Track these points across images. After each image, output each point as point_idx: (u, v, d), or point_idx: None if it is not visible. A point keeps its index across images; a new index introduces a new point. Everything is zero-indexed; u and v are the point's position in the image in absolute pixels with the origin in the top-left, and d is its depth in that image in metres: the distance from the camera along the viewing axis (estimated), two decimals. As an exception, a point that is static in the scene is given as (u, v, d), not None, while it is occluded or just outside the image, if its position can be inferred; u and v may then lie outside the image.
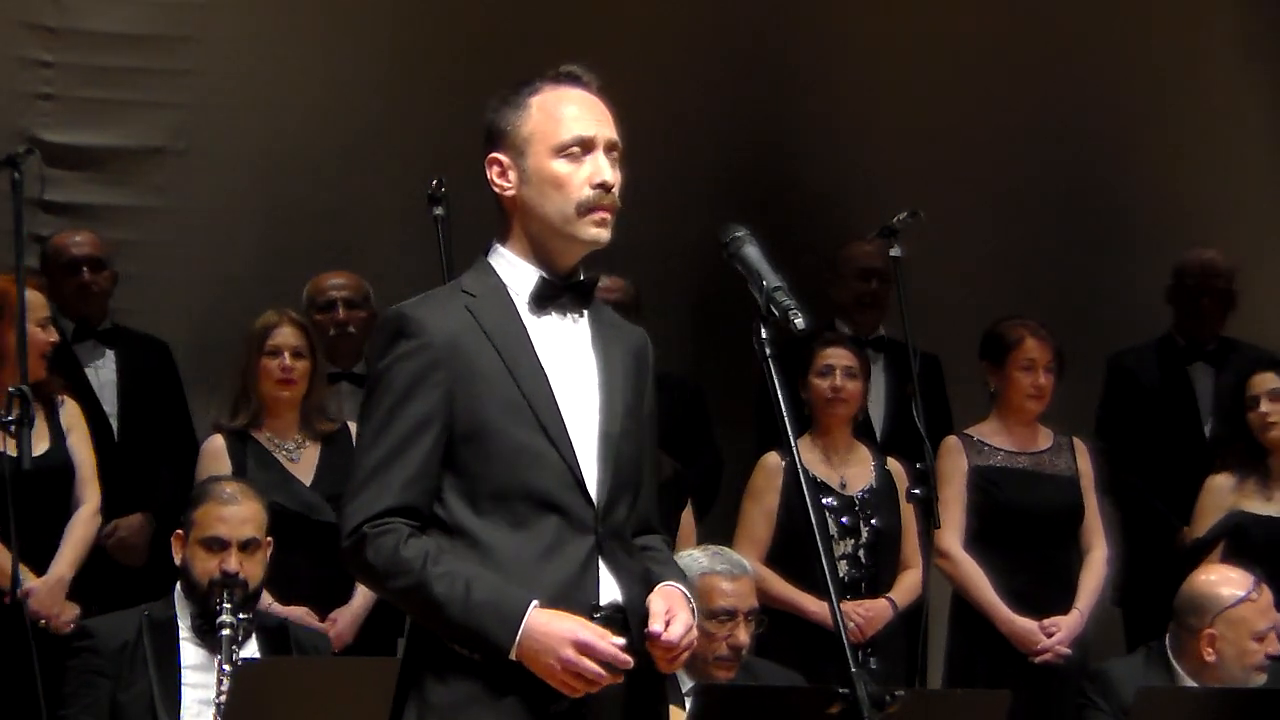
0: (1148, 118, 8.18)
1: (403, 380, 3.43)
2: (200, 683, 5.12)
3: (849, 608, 6.14)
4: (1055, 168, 8.13)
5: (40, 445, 5.85)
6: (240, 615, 5.11)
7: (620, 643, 3.38)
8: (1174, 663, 5.55)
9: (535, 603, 3.36)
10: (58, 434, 5.95)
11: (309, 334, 6.20)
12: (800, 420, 6.26)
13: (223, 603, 5.10)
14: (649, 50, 7.44)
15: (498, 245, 3.57)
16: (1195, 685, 5.47)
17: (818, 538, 3.38)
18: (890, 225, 6.25)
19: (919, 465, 6.06)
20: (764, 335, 3.40)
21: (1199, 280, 7.21)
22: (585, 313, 3.56)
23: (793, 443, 3.44)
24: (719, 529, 6.51)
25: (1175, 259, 7.32)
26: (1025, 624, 6.32)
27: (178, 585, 5.30)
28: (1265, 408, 6.40)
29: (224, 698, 4.91)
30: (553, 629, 3.34)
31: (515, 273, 3.53)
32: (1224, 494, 6.43)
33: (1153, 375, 7.18)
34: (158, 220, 7.41)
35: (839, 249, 7.27)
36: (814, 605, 6.08)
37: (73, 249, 6.74)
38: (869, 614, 6.21)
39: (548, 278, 3.52)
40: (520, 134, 3.51)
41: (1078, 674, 6.06)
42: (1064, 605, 6.37)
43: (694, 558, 5.36)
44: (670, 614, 3.43)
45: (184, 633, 5.20)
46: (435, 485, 3.43)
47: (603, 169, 3.49)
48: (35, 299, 5.87)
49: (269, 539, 5.35)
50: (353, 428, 6.20)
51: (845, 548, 6.29)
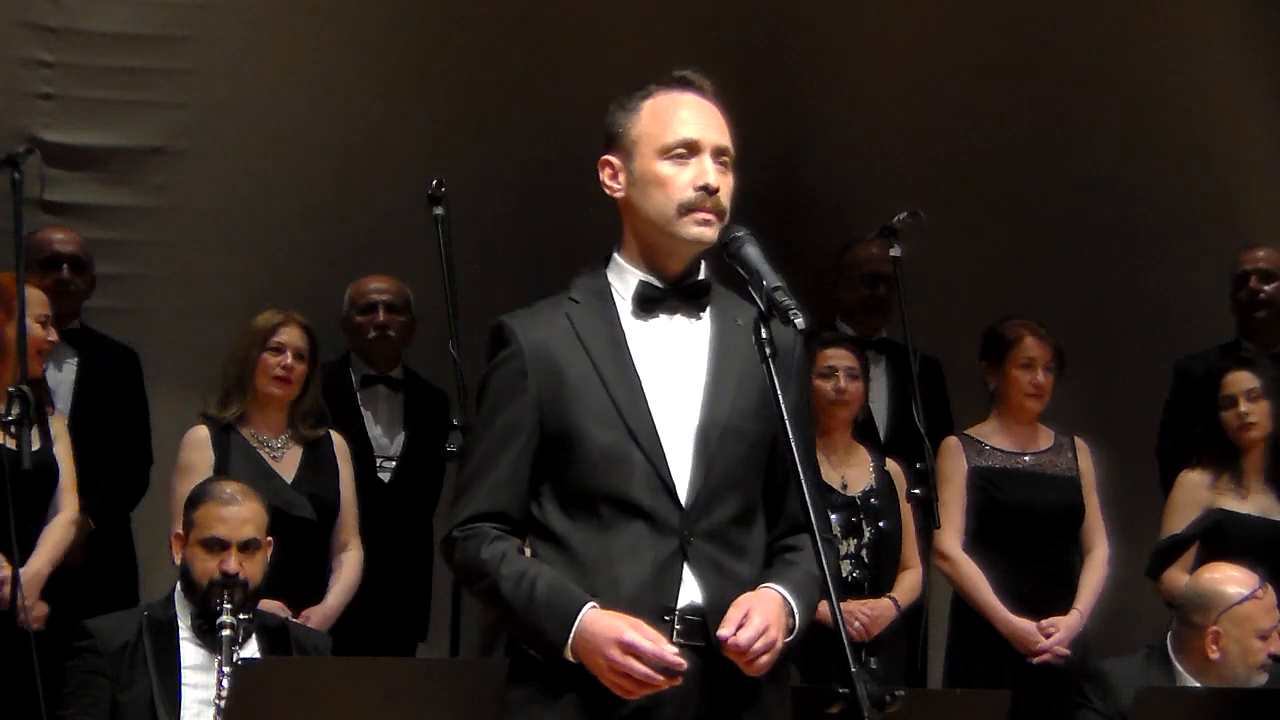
0: (1149, 117, 8.18)
1: (495, 389, 3.55)
2: (200, 683, 5.12)
3: (854, 607, 6.15)
4: (1056, 168, 8.13)
5: (33, 444, 5.85)
6: (240, 615, 5.11)
7: (672, 648, 3.38)
8: (1175, 661, 5.54)
9: (592, 603, 3.39)
10: (46, 438, 5.95)
11: (313, 338, 6.21)
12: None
13: (223, 603, 5.10)
14: (650, 51, 7.42)
15: (614, 251, 3.63)
16: (1196, 684, 5.47)
17: (818, 538, 3.38)
18: (890, 225, 6.26)
19: (919, 465, 6.06)
20: (764, 335, 3.41)
21: (1249, 277, 7.13)
22: (710, 312, 3.59)
23: (793, 443, 3.44)
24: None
25: (1192, 261, 7.27)
26: (1024, 624, 6.33)
27: (178, 585, 5.29)
28: (1244, 407, 6.39)
29: (224, 698, 4.90)
30: (600, 628, 3.37)
31: (623, 277, 3.59)
32: (1198, 490, 6.42)
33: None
34: (158, 220, 7.42)
35: (845, 250, 7.27)
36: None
37: (55, 245, 6.73)
38: (873, 613, 6.22)
39: (649, 281, 3.56)
40: (629, 136, 3.57)
41: (1078, 674, 6.06)
42: (1064, 605, 6.37)
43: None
44: (746, 618, 3.43)
45: (184, 633, 5.20)
46: (525, 489, 3.52)
47: (707, 172, 3.53)
48: (35, 296, 5.87)
49: (269, 539, 5.35)
50: (335, 438, 6.23)
51: (848, 548, 6.30)
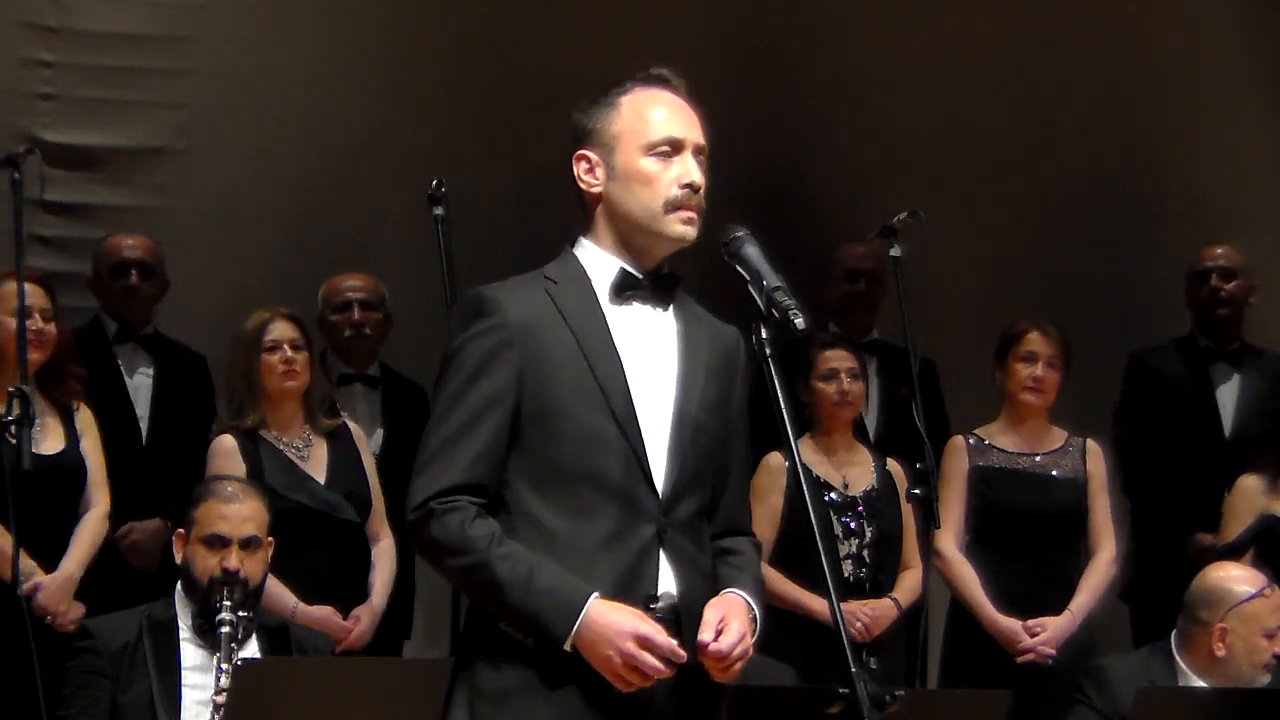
0: (1149, 117, 8.18)
1: (475, 358, 3.47)
2: (200, 683, 5.11)
3: (855, 607, 6.15)
4: (1056, 169, 8.13)
5: (55, 444, 5.90)
6: (240, 613, 5.11)
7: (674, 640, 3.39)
8: (1179, 659, 5.54)
9: (596, 594, 3.37)
10: (72, 435, 5.96)
11: (303, 327, 6.23)
12: (799, 421, 6.26)
13: (223, 600, 5.10)
14: (650, 52, 7.37)
15: (581, 239, 3.61)
16: (1199, 682, 5.47)
17: (819, 538, 3.39)
18: (890, 225, 6.25)
19: (919, 465, 6.06)
20: (764, 335, 3.41)
21: (1209, 268, 7.18)
22: (671, 307, 3.59)
23: (793, 443, 3.45)
24: (719, 529, 6.51)
25: (1188, 260, 7.30)
26: (1008, 623, 6.31)
27: (178, 585, 5.29)
28: None
29: (224, 697, 4.90)
30: (611, 620, 3.35)
31: (598, 263, 3.57)
32: (1254, 496, 6.40)
33: (1174, 374, 7.16)
34: (158, 220, 7.40)
35: (831, 250, 7.27)
36: (818, 605, 6.07)
37: (124, 251, 6.76)
38: (874, 613, 6.22)
39: (628, 269, 3.56)
40: (610, 132, 3.57)
41: (1067, 675, 6.05)
42: (1061, 607, 6.35)
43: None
44: (723, 623, 3.43)
45: (184, 633, 5.20)
46: (502, 463, 3.45)
47: (691, 170, 3.55)
48: (31, 290, 5.87)
49: (270, 538, 5.35)
50: (351, 426, 6.26)
51: (849, 548, 6.30)
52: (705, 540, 3.56)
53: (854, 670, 3.24)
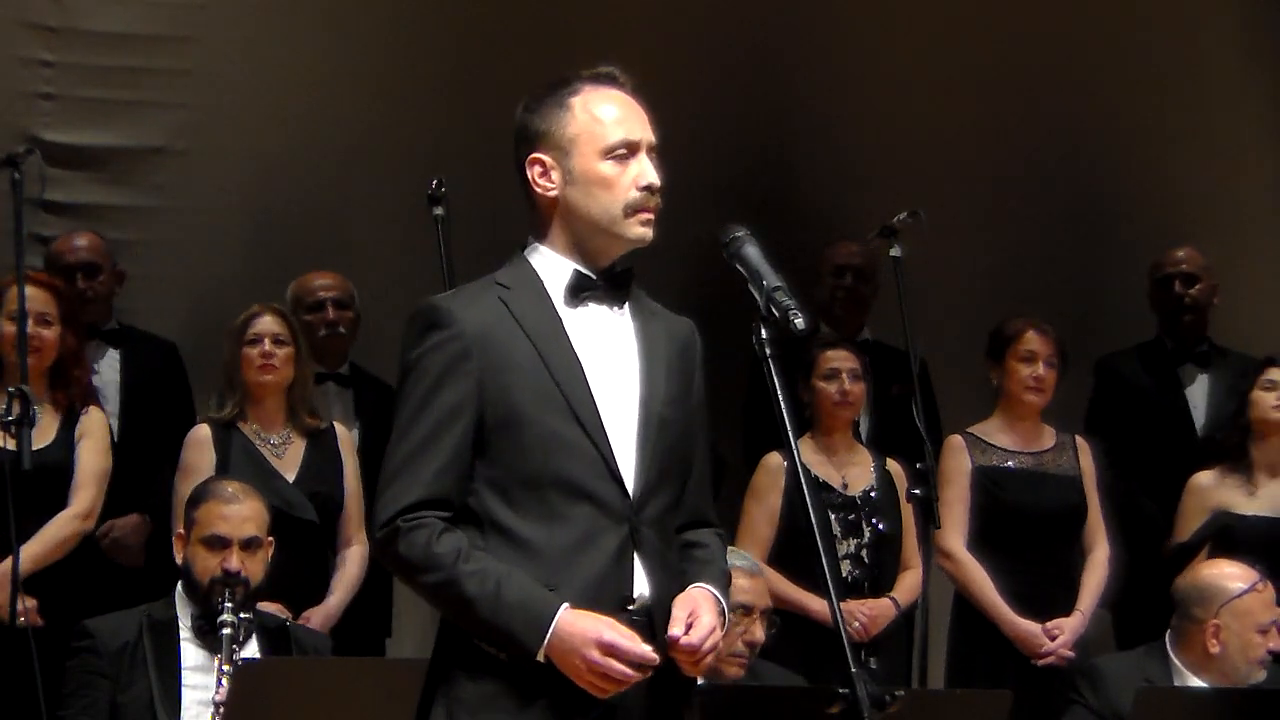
0: (1147, 119, 8.18)
1: (434, 370, 3.44)
2: (200, 683, 5.12)
3: (854, 607, 6.15)
4: (1054, 169, 8.13)
5: (41, 441, 5.84)
6: (241, 614, 5.11)
7: (646, 646, 3.37)
8: (1174, 657, 5.55)
9: (566, 605, 3.35)
10: (64, 435, 5.94)
11: (290, 324, 6.21)
12: (799, 421, 6.26)
13: (224, 601, 5.10)
14: (648, 51, 7.42)
15: (534, 242, 3.59)
16: (1194, 680, 5.48)
17: (819, 538, 3.39)
18: (890, 225, 6.26)
19: (918, 465, 6.06)
20: (764, 335, 3.41)
21: (1171, 272, 7.21)
22: (626, 305, 3.57)
23: (793, 443, 3.45)
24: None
25: (1151, 263, 7.32)
26: (1029, 627, 6.32)
27: (179, 585, 5.30)
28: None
29: (224, 697, 4.90)
30: (578, 629, 3.34)
31: (551, 266, 3.55)
32: (1206, 494, 6.43)
33: (1141, 377, 7.18)
34: (158, 220, 7.41)
35: (822, 249, 7.27)
36: (817, 605, 6.07)
37: (68, 255, 6.73)
38: (873, 613, 6.22)
39: (583, 270, 3.53)
40: (565, 135, 3.53)
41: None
42: (1066, 606, 6.36)
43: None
44: (693, 617, 3.43)
45: (184, 633, 5.20)
46: (467, 475, 3.43)
47: (648, 171, 3.51)
48: (35, 294, 5.87)
49: (270, 538, 5.35)
50: (339, 429, 6.24)
51: (848, 547, 6.30)
52: (673, 536, 3.55)
53: (854, 670, 3.24)
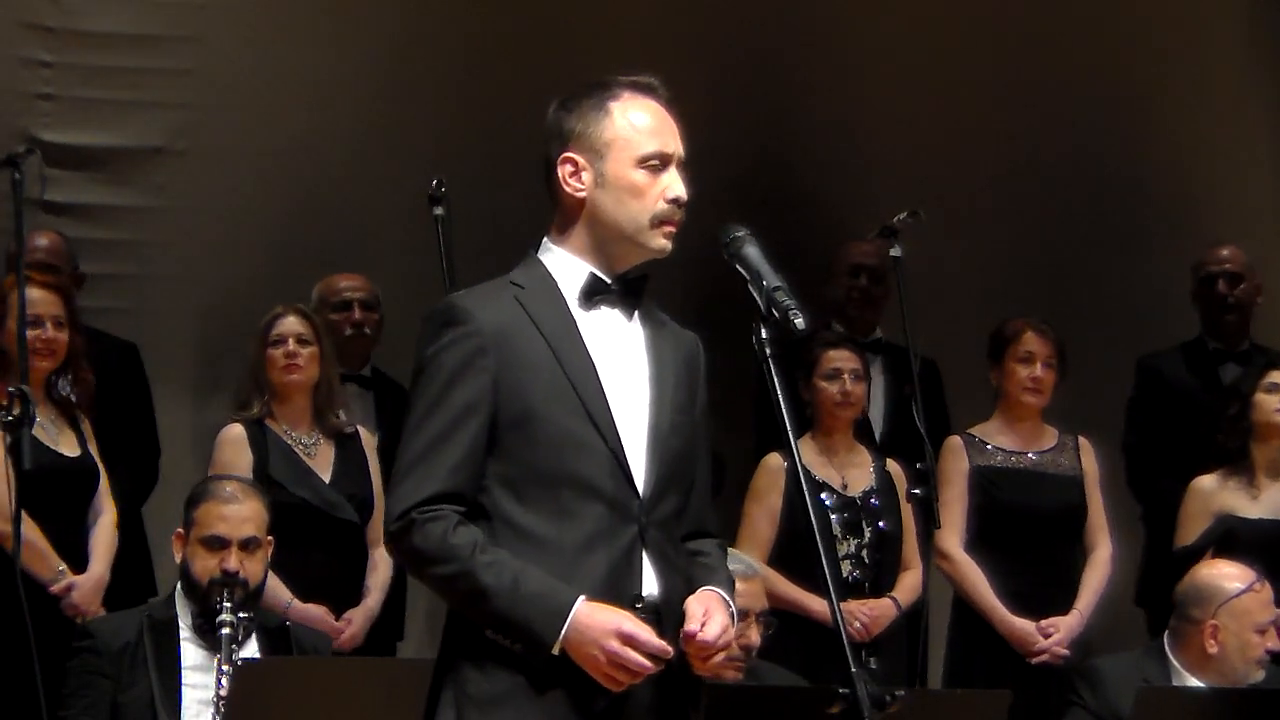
0: (1151, 118, 8.18)
1: (449, 366, 3.46)
2: (201, 683, 5.12)
3: (854, 607, 6.15)
4: (1057, 169, 8.12)
5: (73, 449, 5.90)
6: (241, 614, 5.11)
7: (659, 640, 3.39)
8: (1172, 657, 5.56)
9: (583, 596, 3.37)
10: (84, 441, 5.96)
11: (314, 324, 6.22)
12: (800, 421, 6.26)
13: (223, 601, 5.10)
14: (649, 51, 7.43)
15: (548, 242, 3.60)
16: (1193, 680, 5.49)
17: (819, 538, 3.39)
18: (890, 225, 6.26)
19: (919, 465, 6.06)
20: (764, 335, 3.42)
21: (1216, 270, 7.18)
22: (637, 312, 3.59)
23: (793, 443, 3.45)
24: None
25: (1194, 262, 7.29)
26: (1023, 625, 6.32)
27: (178, 585, 5.30)
28: None
29: (224, 697, 4.91)
30: (597, 620, 3.35)
31: (565, 268, 3.56)
32: (1209, 497, 6.41)
33: (1183, 377, 7.16)
34: (158, 220, 7.41)
35: (835, 248, 7.27)
36: (818, 605, 6.07)
37: (42, 254, 6.63)
38: (873, 613, 6.22)
39: (597, 273, 3.55)
40: (601, 138, 3.54)
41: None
42: (1065, 605, 6.36)
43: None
44: (707, 615, 3.44)
45: (184, 633, 5.20)
46: (481, 471, 3.44)
47: (677, 184, 3.56)
48: (36, 296, 5.87)
49: (270, 538, 5.35)
50: (363, 432, 6.25)
51: (848, 548, 6.30)
52: (679, 540, 3.57)
53: (854, 670, 3.25)
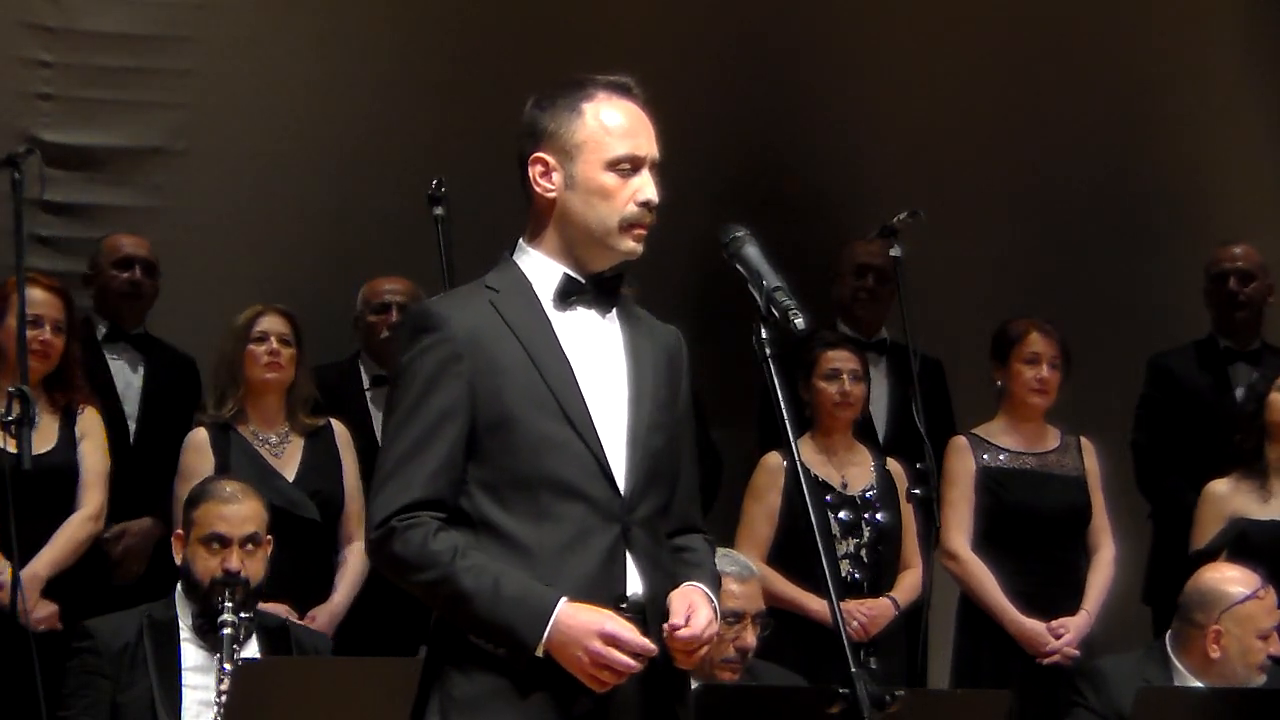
0: (1155, 115, 8.17)
1: (425, 373, 3.46)
2: (201, 684, 5.12)
3: (852, 607, 6.15)
4: (1059, 168, 8.12)
5: (44, 444, 5.86)
6: (241, 614, 5.11)
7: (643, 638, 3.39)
8: (1174, 660, 5.56)
9: (564, 599, 3.37)
10: (66, 436, 5.95)
11: (295, 324, 6.23)
12: (800, 420, 6.26)
13: (224, 601, 5.11)
14: (649, 50, 7.43)
15: (524, 244, 3.61)
16: (1194, 683, 5.49)
17: (818, 537, 3.39)
18: (890, 225, 6.27)
19: (919, 465, 6.06)
20: (764, 335, 3.42)
21: (1228, 268, 7.17)
22: (614, 310, 3.59)
23: (793, 443, 3.45)
24: (717, 529, 6.46)
25: (1205, 260, 7.29)
26: (1034, 626, 6.32)
27: (178, 586, 5.30)
28: None
29: (224, 698, 4.90)
30: (579, 621, 3.36)
31: (540, 269, 3.57)
32: (1223, 501, 6.40)
33: (1193, 376, 7.16)
34: (158, 220, 7.40)
35: (840, 248, 7.27)
36: (816, 604, 6.08)
37: (129, 247, 6.79)
38: (872, 613, 6.22)
39: (571, 274, 3.55)
40: (572, 139, 3.54)
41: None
42: (1071, 606, 6.36)
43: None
44: (690, 610, 3.45)
45: (185, 633, 5.21)
46: (460, 477, 3.45)
47: (648, 188, 3.54)
48: (38, 297, 5.87)
49: (270, 538, 5.35)
50: (337, 426, 6.26)
51: (847, 547, 6.30)
52: (663, 538, 3.58)
53: (854, 670, 3.25)
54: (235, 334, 6.16)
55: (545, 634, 3.36)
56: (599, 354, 3.54)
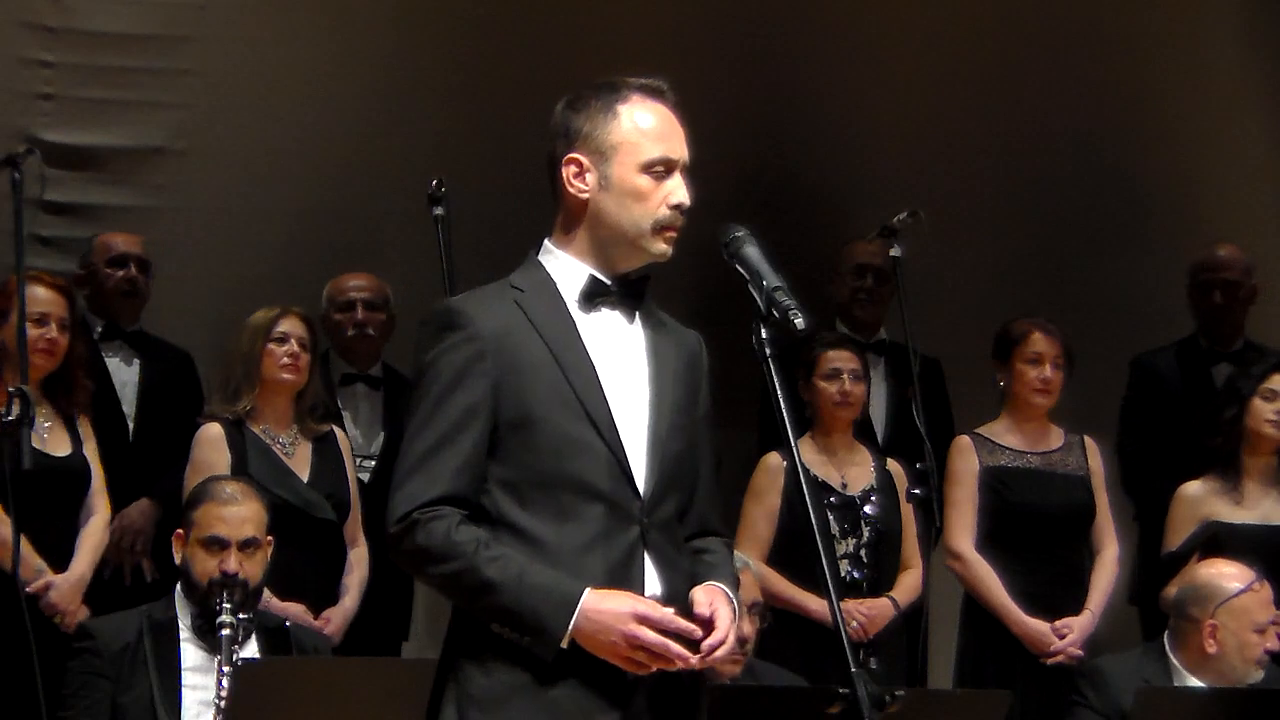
0: (1152, 116, 8.17)
1: (450, 370, 3.46)
2: (201, 684, 5.12)
3: (852, 607, 6.15)
4: (1058, 168, 8.12)
5: (63, 448, 5.91)
6: (240, 615, 5.11)
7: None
8: (1172, 657, 5.57)
9: (589, 588, 3.38)
10: (77, 441, 5.96)
11: (314, 330, 6.24)
12: (800, 421, 6.26)
13: (223, 602, 5.11)
14: (649, 50, 7.43)
15: (549, 244, 3.61)
16: (1193, 680, 5.49)
17: (818, 537, 3.39)
18: (890, 225, 6.27)
19: (919, 465, 6.06)
20: (764, 335, 3.43)
21: (1213, 277, 7.18)
22: (638, 313, 3.60)
23: (793, 443, 3.46)
24: (718, 529, 6.51)
25: (1191, 258, 7.29)
26: (1038, 626, 6.31)
27: (178, 586, 5.30)
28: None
29: (224, 698, 4.91)
30: (607, 607, 3.36)
31: (566, 270, 3.57)
32: (1195, 504, 6.39)
33: (1176, 377, 7.16)
34: (158, 220, 7.41)
35: (840, 248, 7.27)
36: (816, 604, 6.08)
37: (122, 245, 6.79)
38: (871, 613, 6.22)
39: (598, 276, 3.56)
40: (607, 140, 3.55)
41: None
42: (1075, 605, 6.36)
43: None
44: (712, 606, 3.46)
45: (184, 634, 5.21)
46: (482, 474, 3.46)
47: (680, 190, 3.56)
48: (38, 295, 5.87)
49: (269, 538, 5.35)
50: (338, 433, 6.26)
51: (847, 547, 6.30)
52: (681, 540, 3.58)
53: (854, 670, 3.25)
54: (254, 332, 6.15)
55: (571, 623, 3.36)
56: (622, 356, 3.55)
